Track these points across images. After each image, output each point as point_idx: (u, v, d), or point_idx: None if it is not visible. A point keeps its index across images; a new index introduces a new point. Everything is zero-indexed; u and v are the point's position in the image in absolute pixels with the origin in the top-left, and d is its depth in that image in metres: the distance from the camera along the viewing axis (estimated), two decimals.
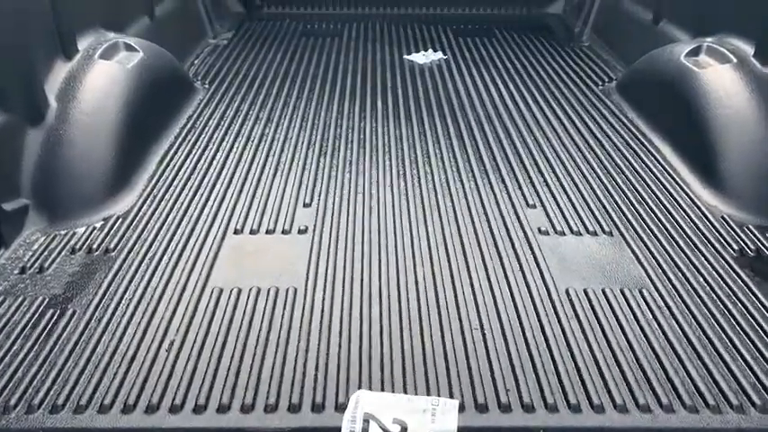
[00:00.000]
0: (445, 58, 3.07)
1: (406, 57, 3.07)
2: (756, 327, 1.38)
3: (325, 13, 3.72)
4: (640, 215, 1.81)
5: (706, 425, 1.14)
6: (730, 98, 1.99)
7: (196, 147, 2.19)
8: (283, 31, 3.47)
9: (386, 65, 3.00)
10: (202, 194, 1.90)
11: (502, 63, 3.01)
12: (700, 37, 2.36)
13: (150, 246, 1.65)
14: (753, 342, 1.34)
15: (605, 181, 1.99)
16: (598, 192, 1.93)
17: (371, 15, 3.67)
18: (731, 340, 1.34)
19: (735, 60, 2.06)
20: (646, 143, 2.22)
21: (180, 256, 1.61)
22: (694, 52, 2.20)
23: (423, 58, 3.06)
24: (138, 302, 1.43)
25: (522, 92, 2.69)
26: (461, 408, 1.16)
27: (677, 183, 1.97)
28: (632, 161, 2.11)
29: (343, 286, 1.50)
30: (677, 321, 1.40)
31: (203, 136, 2.27)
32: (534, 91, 2.70)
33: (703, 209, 1.83)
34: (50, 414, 1.14)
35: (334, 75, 2.88)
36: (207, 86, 2.72)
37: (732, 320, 1.40)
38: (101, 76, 1.99)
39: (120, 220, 1.76)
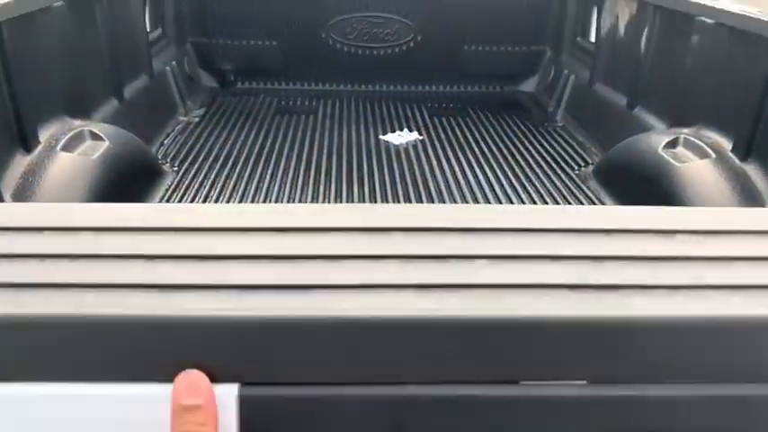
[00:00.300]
0: (421, 138, 3.04)
1: (381, 137, 3.04)
2: None
3: (300, 88, 3.69)
4: None
5: None
6: (711, 194, 1.97)
7: None
8: (257, 107, 3.42)
9: (361, 145, 2.95)
10: None
11: (477, 145, 2.99)
12: (676, 126, 2.36)
13: None
14: None
15: None
16: None
17: (347, 92, 3.65)
18: None
19: (713, 156, 2.05)
20: None
21: None
22: (672, 144, 2.19)
23: (398, 138, 3.03)
24: None
25: (498, 176, 2.65)
26: None
27: None
28: None
29: None
30: None
31: None
32: (511, 176, 2.66)
33: None
34: None
35: (308, 156, 2.82)
36: (176, 169, 2.63)
37: None
38: (62, 170, 1.90)
39: None
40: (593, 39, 3.23)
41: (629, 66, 2.81)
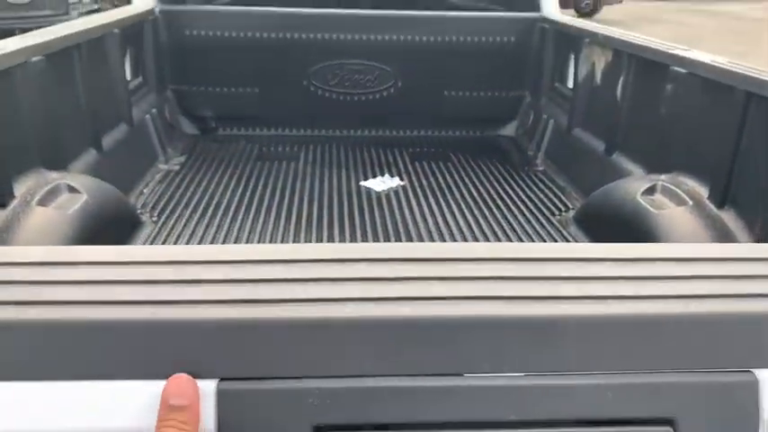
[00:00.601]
0: (402, 184, 3.05)
1: (362, 183, 3.04)
2: None
3: (281, 134, 3.70)
4: None
5: None
6: (688, 241, 1.98)
7: None
8: (238, 154, 3.42)
9: (343, 192, 2.95)
10: None
11: (458, 189, 3.00)
12: (654, 172, 2.39)
13: None
14: None
15: None
16: None
17: (328, 138, 3.67)
18: None
19: (690, 203, 2.07)
20: None
21: None
22: (650, 191, 2.21)
23: (380, 184, 3.04)
24: None
25: (479, 222, 2.66)
26: None
27: None
28: None
29: None
30: None
31: None
32: (492, 221, 2.67)
33: None
34: None
35: (289, 203, 2.81)
36: (155, 219, 2.61)
37: None
38: (38, 225, 1.87)
39: None
40: (570, 84, 3.29)
41: (606, 112, 2.85)
